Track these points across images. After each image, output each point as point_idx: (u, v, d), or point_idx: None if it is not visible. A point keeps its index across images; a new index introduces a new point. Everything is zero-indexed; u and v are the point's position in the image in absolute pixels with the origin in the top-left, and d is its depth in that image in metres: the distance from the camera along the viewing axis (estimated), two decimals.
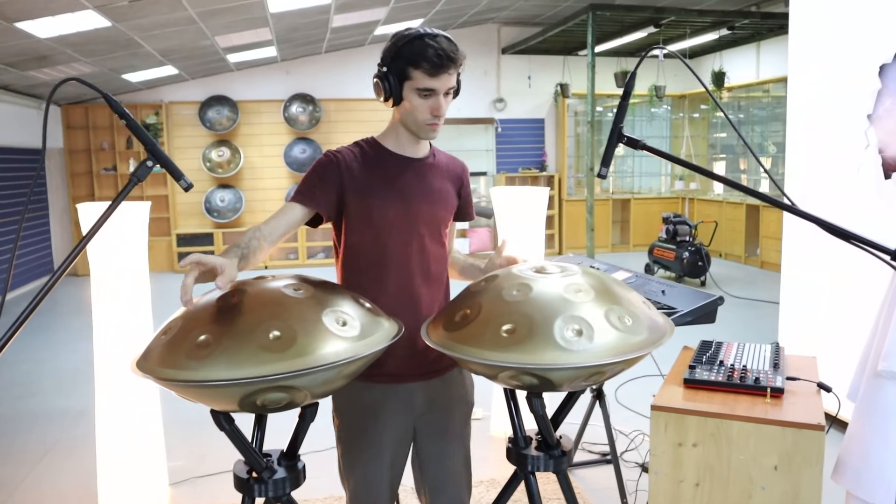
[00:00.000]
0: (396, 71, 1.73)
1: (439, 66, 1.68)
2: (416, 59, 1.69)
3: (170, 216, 9.58)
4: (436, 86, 1.71)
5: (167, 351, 1.36)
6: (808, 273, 3.93)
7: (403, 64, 1.71)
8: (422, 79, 1.70)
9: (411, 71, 1.70)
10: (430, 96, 1.73)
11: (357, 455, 1.82)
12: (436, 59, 1.67)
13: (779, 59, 9.25)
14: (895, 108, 3.35)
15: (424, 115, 1.76)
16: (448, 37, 1.73)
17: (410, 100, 1.74)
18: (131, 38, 6.25)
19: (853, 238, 1.15)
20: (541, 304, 1.47)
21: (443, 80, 1.71)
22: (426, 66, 1.68)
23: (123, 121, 1.27)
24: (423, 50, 1.68)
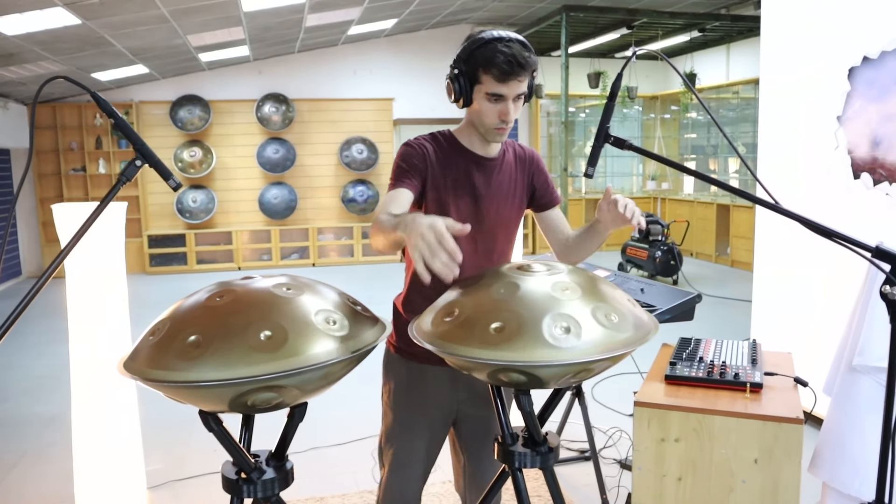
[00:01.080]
0: (468, 73, 1.73)
1: (509, 72, 1.67)
2: (486, 64, 1.68)
3: (141, 217, 9.46)
4: (505, 91, 1.71)
5: (156, 352, 1.35)
6: (780, 271, 4.00)
7: (475, 67, 1.72)
8: (491, 84, 1.70)
9: (482, 75, 1.71)
10: (499, 101, 1.73)
11: (400, 430, 1.94)
12: (506, 66, 1.67)
13: (748, 60, 9.40)
14: (864, 111, 3.43)
15: (492, 120, 1.76)
16: (523, 41, 1.72)
17: (479, 103, 1.75)
18: (102, 37, 6.16)
19: (836, 236, 1.18)
20: (529, 302, 1.48)
21: (512, 87, 1.70)
22: (496, 72, 1.68)
23: (112, 119, 1.26)
24: (494, 55, 1.67)
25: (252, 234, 9.81)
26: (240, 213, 9.93)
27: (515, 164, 1.96)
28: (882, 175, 3.34)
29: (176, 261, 9.48)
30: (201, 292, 1.48)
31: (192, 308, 1.43)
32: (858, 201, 3.45)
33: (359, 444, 3.68)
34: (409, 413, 1.94)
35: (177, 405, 1.48)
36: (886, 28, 3.27)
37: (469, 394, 1.96)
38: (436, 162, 1.84)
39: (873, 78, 3.37)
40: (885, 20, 3.28)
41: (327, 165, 10.13)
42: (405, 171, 1.81)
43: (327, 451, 3.61)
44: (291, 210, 9.92)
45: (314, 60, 9.91)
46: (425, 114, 10.29)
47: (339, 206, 10.19)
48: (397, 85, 10.18)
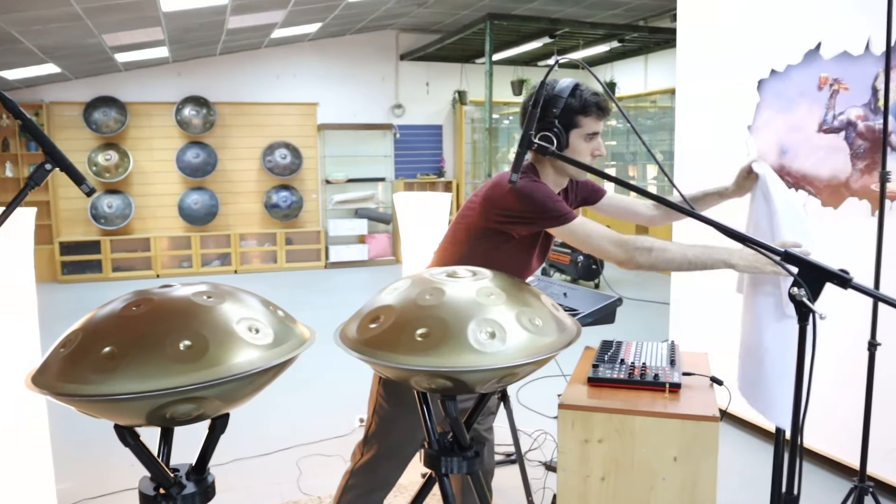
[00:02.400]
0: (564, 121, 1.96)
1: (604, 111, 1.99)
2: (585, 108, 1.96)
3: (52, 223, 9.04)
4: (599, 129, 2.01)
5: (68, 365, 1.29)
6: (695, 274, 4.15)
7: (573, 114, 1.96)
8: (591, 124, 1.98)
9: (580, 119, 1.96)
10: (594, 139, 2.01)
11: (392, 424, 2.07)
12: (603, 106, 1.98)
13: (665, 70, 9.73)
14: (772, 121, 3.60)
15: (586, 157, 2.01)
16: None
17: (576, 145, 1.99)
18: (8, 33, 5.87)
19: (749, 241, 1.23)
20: (454, 308, 1.49)
21: (601, 124, 2.01)
22: (597, 112, 1.97)
23: (20, 121, 1.20)
24: (589, 98, 1.96)
25: (171, 240, 9.52)
26: (158, 219, 9.62)
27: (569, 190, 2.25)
28: (789, 182, 3.50)
29: (90, 268, 9.10)
30: (116, 301, 1.42)
31: (107, 318, 1.37)
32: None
33: (283, 454, 3.61)
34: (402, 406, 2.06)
35: (89, 419, 1.42)
36: (793, 43, 3.44)
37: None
38: None
39: (780, 90, 3.54)
40: (792, 36, 3.45)
41: (250, 170, 9.93)
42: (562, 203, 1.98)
43: (250, 462, 3.53)
44: (213, 216, 9.68)
45: (236, 63, 9.71)
46: (349, 119, 10.23)
47: (262, 211, 10.00)
48: (321, 90, 10.08)
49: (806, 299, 1.26)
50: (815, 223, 3.37)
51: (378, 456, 2.12)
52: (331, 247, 10.08)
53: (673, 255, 1.87)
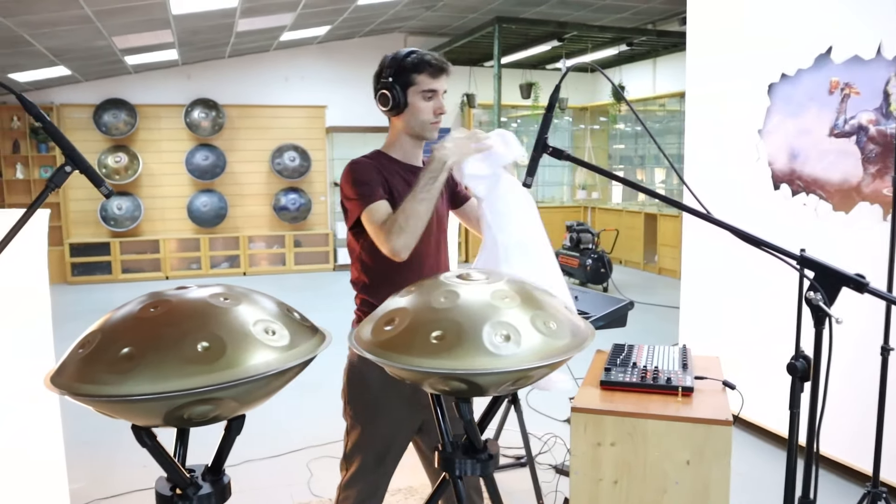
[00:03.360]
0: (401, 80, 2.00)
1: (440, 69, 2.01)
2: (419, 66, 1.99)
3: (62, 225, 9.09)
4: (437, 87, 2.02)
5: (86, 365, 1.30)
6: (706, 278, 4.14)
7: (407, 73, 1.99)
8: (426, 81, 1.99)
9: (415, 77, 1.99)
10: (433, 97, 2.02)
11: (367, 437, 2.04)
12: (436, 62, 2.00)
13: (674, 74, 9.72)
14: (782, 125, 3.59)
15: (428, 115, 2.02)
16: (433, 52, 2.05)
17: (416, 103, 2.01)
18: (19, 35, 5.91)
19: (765, 245, 1.23)
20: (469, 311, 1.49)
21: (441, 82, 2.03)
22: (429, 70, 1.99)
23: (40, 123, 1.21)
24: (423, 57, 2.00)
25: (180, 242, 9.55)
26: (167, 221, 9.66)
27: None
28: (800, 186, 3.50)
29: (100, 270, 9.14)
30: (133, 303, 1.43)
31: (124, 319, 1.38)
32: (779, 211, 3.61)
33: (293, 455, 3.62)
34: (374, 411, 2.04)
35: (102, 420, 1.43)
36: (804, 47, 3.44)
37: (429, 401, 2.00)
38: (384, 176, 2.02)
39: (790, 94, 3.54)
40: (802, 40, 3.45)
41: (258, 173, 9.96)
42: (369, 186, 1.96)
43: (261, 463, 3.54)
44: (221, 218, 9.71)
45: (245, 66, 9.75)
46: (357, 122, 10.24)
47: (271, 214, 10.03)
48: (329, 93, 10.11)
49: (822, 304, 1.26)
50: (826, 228, 3.37)
51: (361, 468, 2.08)
52: (339, 249, 10.10)
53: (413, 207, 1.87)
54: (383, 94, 2.02)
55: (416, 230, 1.86)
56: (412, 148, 2.11)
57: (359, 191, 1.95)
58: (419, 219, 1.86)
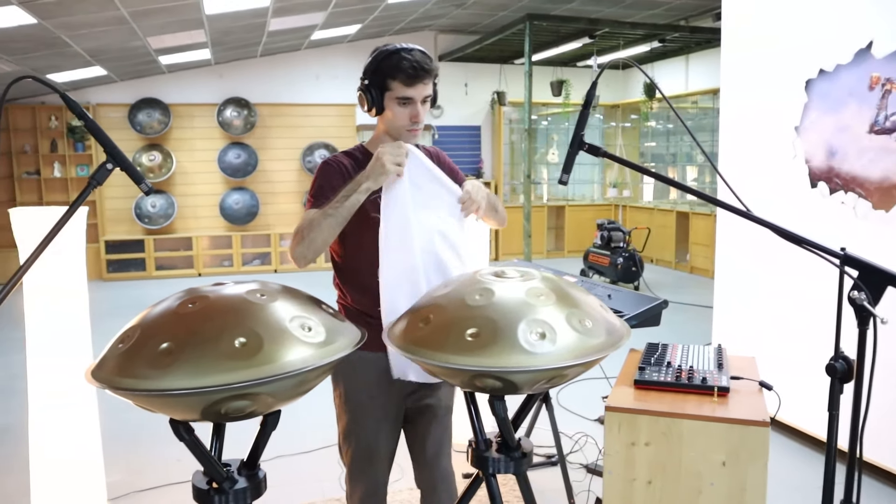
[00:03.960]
0: (377, 83, 1.90)
1: (414, 76, 1.86)
2: (393, 71, 1.86)
3: (97, 222, 9.25)
4: (412, 94, 1.89)
5: (126, 360, 1.32)
6: (740, 277, 4.09)
7: (383, 76, 1.89)
8: (400, 88, 1.88)
9: (390, 82, 1.88)
10: (409, 104, 1.90)
11: (354, 426, 2.02)
12: (411, 71, 1.85)
13: (707, 71, 9.59)
14: (820, 121, 3.53)
15: (404, 122, 1.92)
16: (423, 50, 1.92)
17: (391, 109, 1.92)
18: (57, 37, 6.02)
19: (807, 243, 1.21)
20: (504, 309, 1.49)
21: (418, 90, 1.89)
22: (403, 77, 1.86)
23: (82, 121, 1.23)
24: (399, 62, 1.86)
25: (212, 239, 9.67)
26: (200, 219, 9.78)
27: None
28: (838, 184, 3.43)
29: (134, 267, 9.29)
30: (171, 299, 1.45)
31: (163, 315, 1.40)
32: (816, 209, 3.54)
33: (325, 451, 3.64)
34: (363, 411, 2.02)
35: (139, 414, 1.45)
36: (842, 42, 3.37)
37: (416, 385, 2.01)
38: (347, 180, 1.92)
39: (828, 90, 3.47)
40: (841, 34, 3.38)
41: (289, 171, 10.04)
42: (325, 191, 1.90)
43: (294, 459, 3.57)
44: (253, 216, 9.81)
45: (276, 65, 9.83)
46: None
47: (302, 211, 10.07)
48: None
49: (867, 303, 1.23)
50: (865, 227, 3.30)
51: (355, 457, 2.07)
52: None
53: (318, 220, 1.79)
54: (360, 95, 1.94)
55: (314, 243, 1.79)
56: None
57: (313, 191, 1.93)
58: (321, 233, 1.78)
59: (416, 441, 2.16)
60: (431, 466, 2.16)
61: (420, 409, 2.10)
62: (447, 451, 2.19)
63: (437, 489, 2.17)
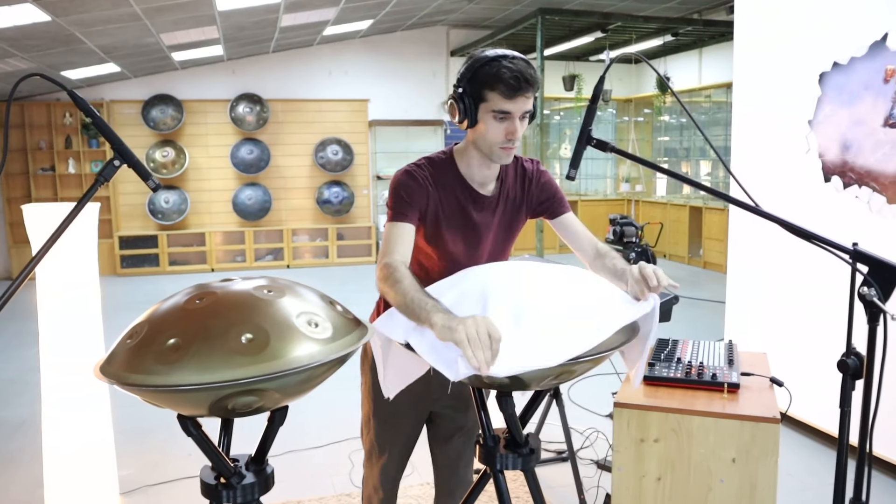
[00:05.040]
0: (472, 92, 1.71)
1: (516, 88, 1.66)
2: (492, 82, 1.67)
3: (111, 218, 9.31)
4: (511, 108, 1.69)
5: (134, 355, 1.33)
6: (753, 272, 4.06)
7: (480, 86, 1.70)
8: (498, 101, 1.69)
9: (487, 93, 1.69)
10: (506, 119, 1.71)
11: (377, 415, 2.02)
12: (513, 82, 1.66)
13: (720, 64, 9.52)
14: (834, 115, 3.49)
15: (498, 138, 1.73)
16: (526, 60, 1.72)
17: (485, 122, 1.73)
18: (72, 34, 6.06)
19: (816, 238, 1.20)
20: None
21: (518, 104, 1.69)
22: (503, 89, 1.67)
23: (90, 118, 1.23)
24: (500, 72, 1.66)
25: (225, 235, 9.71)
26: (213, 214, 9.82)
27: (516, 187, 1.93)
28: (852, 178, 3.40)
29: (148, 262, 9.35)
30: (179, 294, 1.45)
31: (171, 311, 1.40)
32: (829, 204, 3.51)
33: (336, 446, 3.66)
34: (386, 403, 1.95)
35: (150, 409, 1.46)
36: (856, 35, 3.33)
37: (442, 392, 2.00)
38: (435, 193, 1.82)
39: (843, 83, 3.43)
40: (856, 27, 3.34)
41: (302, 166, 10.07)
42: (406, 204, 1.78)
43: (304, 454, 3.58)
44: (265, 211, 9.85)
45: (289, 61, 9.85)
46: (400, 115, 10.27)
47: (314, 207, 10.13)
48: (372, 86, 10.15)
49: (877, 299, 1.22)
50: (880, 221, 3.26)
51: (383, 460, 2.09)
52: (382, 242, 10.14)
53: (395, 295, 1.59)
54: (451, 104, 1.76)
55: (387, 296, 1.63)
56: (479, 165, 1.84)
57: (394, 203, 1.80)
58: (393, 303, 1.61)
59: (438, 443, 2.15)
60: (450, 471, 2.16)
61: (446, 415, 2.09)
62: (468, 459, 2.18)
63: (454, 494, 2.18)
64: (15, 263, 9.05)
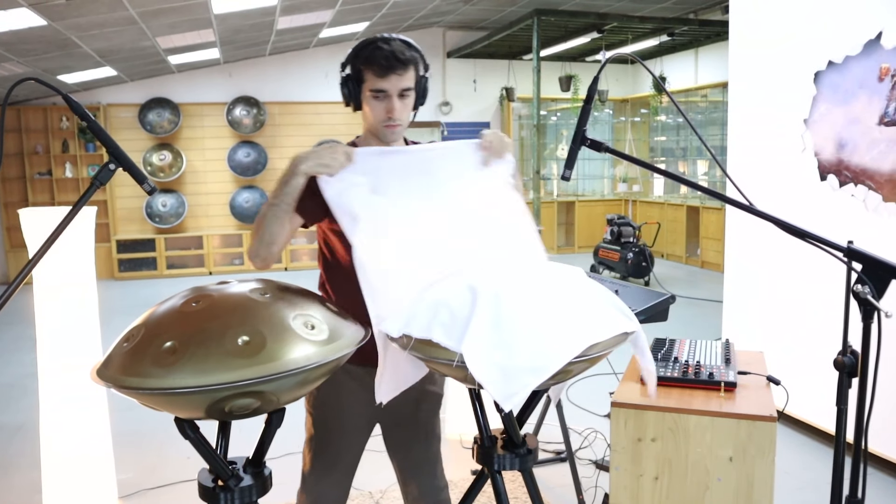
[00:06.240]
0: (354, 75, 1.80)
1: (387, 67, 1.74)
2: (368, 63, 1.76)
3: (109, 222, 9.31)
4: (386, 87, 1.76)
5: (130, 359, 1.33)
6: (750, 271, 4.06)
7: (358, 68, 1.79)
8: (373, 80, 1.77)
9: (365, 73, 1.78)
10: (383, 98, 1.78)
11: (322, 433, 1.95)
12: (384, 61, 1.74)
13: (716, 64, 9.53)
14: (829, 114, 3.50)
15: (380, 117, 1.80)
16: (405, 40, 1.81)
17: (367, 103, 1.81)
18: (68, 38, 6.06)
19: (810, 237, 1.20)
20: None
21: (393, 81, 1.76)
22: (376, 68, 1.75)
23: (85, 122, 1.24)
24: (374, 52, 1.75)
25: (223, 238, 9.71)
26: (210, 217, 9.82)
27: None
28: (847, 177, 3.41)
29: (145, 266, 9.34)
30: (176, 297, 1.46)
31: (167, 314, 1.41)
32: (825, 202, 3.52)
33: None
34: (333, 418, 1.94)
35: (149, 412, 1.46)
36: (851, 33, 3.34)
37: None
38: None
39: (838, 82, 3.44)
40: (850, 25, 3.35)
41: None
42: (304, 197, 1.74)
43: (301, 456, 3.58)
44: None
45: (285, 63, 9.85)
46: None
47: None
48: None
49: (871, 297, 1.22)
50: (875, 219, 3.27)
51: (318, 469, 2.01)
52: None
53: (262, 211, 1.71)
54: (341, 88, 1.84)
55: (263, 236, 1.70)
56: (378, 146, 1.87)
57: None
58: (266, 224, 1.69)
59: (396, 454, 2.06)
60: (412, 481, 2.06)
61: (397, 421, 2.00)
62: (432, 471, 2.07)
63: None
64: (12, 267, 9.04)
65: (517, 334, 1.39)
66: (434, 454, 2.07)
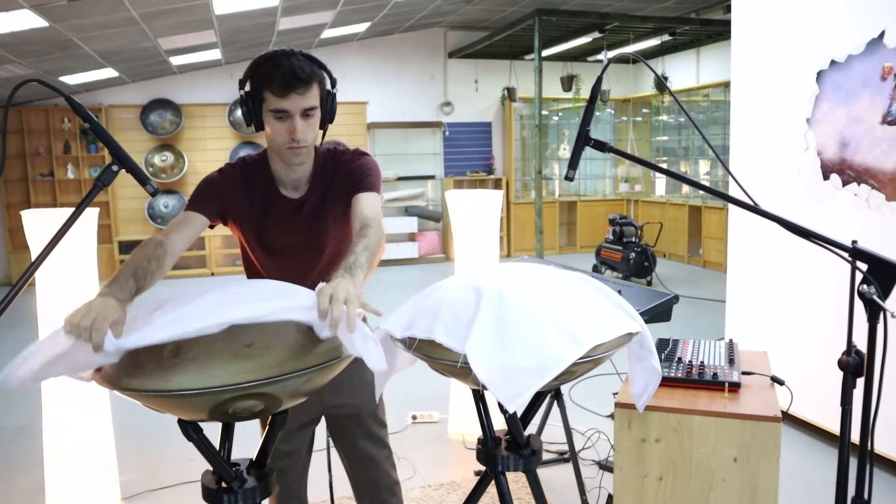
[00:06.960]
0: (253, 94, 1.68)
1: (287, 86, 1.62)
2: (267, 81, 1.64)
3: (111, 223, 9.31)
4: (288, 107, 1.65)
5: (133, 361, 1.32)
6: (753, 271, 4.06)
7: (258, 87, 1.67)
8: (273, 100, 1.65)
9: (265, 93, 1.66)
10: (285, 118, 1.67)
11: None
12: (282, 80, 1.62)
13: (718, 64, 9.52)
14: (832, 113, 3.49)
15: (283, 138, 1.69)
16: (308, 55, 1.69)
17: (269, 123, 1.69)
18: (69, 39, 6.06)
19: (814, 237, 1.20)
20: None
21: (294, 101, 1.65)
22: (275, 87, 1.63)
23: (88, 124, 1.23)
24: (273, 70, 1.63)
25: (225, 239, 9.71)
26: None
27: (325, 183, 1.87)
28: (850, 176, 3.40)
29: None
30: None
31: None
32: (828, 202, 3.51)
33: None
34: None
35: (152, 413, 1.46)
36: (854, 32, 3.33)
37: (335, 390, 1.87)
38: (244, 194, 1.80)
39: (840, 81, 3.44)
40: (853, 24, 3.34)
41: None
42: (204, 197, 1.79)
43: None
44: None
45: None
46: (398, 117, 10.28)
47: None
48: (370, 89, 10.15)
49: (876, 297, 1.22)
50: (879, 219, 3.26)
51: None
52: None
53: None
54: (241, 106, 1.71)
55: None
56: (283, 167, 1.80)
57: (193, 194, 1.84)
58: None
59: (343, 450, 2.05)
60: (360, 476, 2.05)
61: (340, 417, 2.00)
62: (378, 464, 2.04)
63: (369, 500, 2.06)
64: (14, 269, 9.05)
65: (521, 335, 1.39)
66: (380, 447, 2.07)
